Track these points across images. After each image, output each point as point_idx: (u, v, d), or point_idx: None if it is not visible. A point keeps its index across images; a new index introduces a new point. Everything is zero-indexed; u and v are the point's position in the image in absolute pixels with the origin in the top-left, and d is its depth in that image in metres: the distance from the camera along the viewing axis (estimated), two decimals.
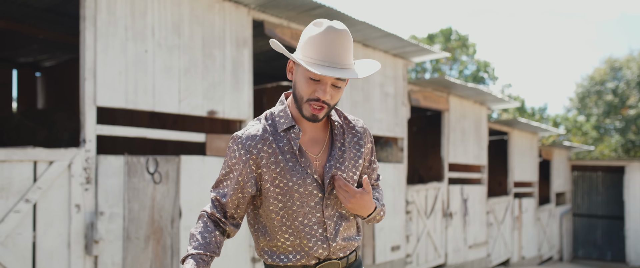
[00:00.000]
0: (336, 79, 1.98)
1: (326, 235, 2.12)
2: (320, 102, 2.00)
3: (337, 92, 2.02)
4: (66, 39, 6.79)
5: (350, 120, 2.23)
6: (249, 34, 5.81)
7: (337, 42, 1.95)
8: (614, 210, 16.01)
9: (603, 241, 16.28)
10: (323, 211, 2.10)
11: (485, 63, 26.48)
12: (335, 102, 2.05)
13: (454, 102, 9.67)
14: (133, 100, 4.77)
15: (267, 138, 2.07)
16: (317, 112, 2.01)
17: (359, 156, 2.18)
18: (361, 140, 2.22)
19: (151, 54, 4.91)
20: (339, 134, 2.17)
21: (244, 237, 5.70)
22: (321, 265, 2.13)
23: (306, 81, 2.00)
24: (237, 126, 5.79)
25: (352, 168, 2.15)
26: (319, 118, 2.03)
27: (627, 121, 23.84)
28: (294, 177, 2.06)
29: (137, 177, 4.78)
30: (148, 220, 4.86)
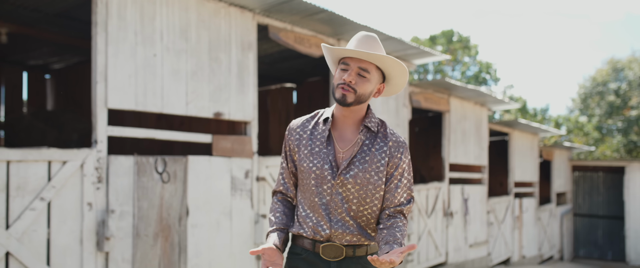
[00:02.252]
0: (359, 68, 2.32)
1: (330, 218, 2.38)
2: (346, 85, 2.31)
3: (363, 81, 2.33)
4: (75, 42, 6.98)
5: (389, 132, 2.47)
6: (254, 37, 5.98)
7: (362, 40, 2.37)
8: (615, 210, 16.15)
9: (604, 241, 16.41)
10: (332, 196, 2.37)
11: (488, 64, 26.63)
12: (362, 89, 2.33)
13: (454, 103, 9.84)
14: (142, 102, 4.95)
15: (306, 125, 2.49)
16: (344, 92, 2.32)
17: (382, 163, 2.39)
18: (389, 150, 2.41)
19: (160, 58, 5.09)
20: (369, 138, 2.43)
21: (249, 235, 5.88)
22: (324, 244, 2.39)
23: (339, 71, 2.38)
24: (242, 127, 5.97)
25: (371, 172, 2.37)
26: (347, 99, 2.32)
27: (629, 122, 23.96)
28: (315, 160, 2.40)
29: (146, 177, 4.96)
30: (157, 218, 5.04)
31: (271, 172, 6.17)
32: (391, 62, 2.34)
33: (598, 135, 25.26)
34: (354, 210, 2.38)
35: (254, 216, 5.94)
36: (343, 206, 2.37)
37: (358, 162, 2.37)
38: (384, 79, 2.45)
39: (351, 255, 2.39)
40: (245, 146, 5.86)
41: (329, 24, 6.52)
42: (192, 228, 5.33)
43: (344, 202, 2.37)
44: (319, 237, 2.39)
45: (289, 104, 9.89)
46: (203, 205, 5.43)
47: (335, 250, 2.39)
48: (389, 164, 2.40)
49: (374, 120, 2.45)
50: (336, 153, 2.40)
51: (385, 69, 2.39)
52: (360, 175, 2.35)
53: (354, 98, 2.32)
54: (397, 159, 2.41)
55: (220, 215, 5.61)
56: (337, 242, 2.38)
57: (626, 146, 24.41)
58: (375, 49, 2.35)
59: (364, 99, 2.36)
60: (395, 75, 2.42)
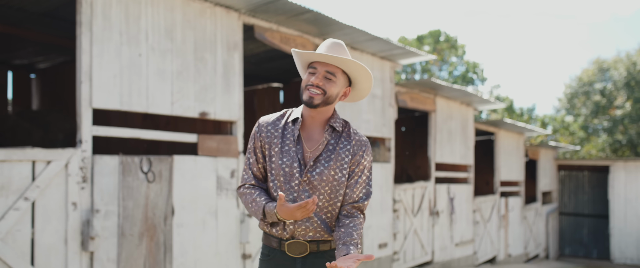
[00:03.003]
0: (326, 71, 2.47)
1: None
2: (313, 87, 2.45)
3: (329, 83, 2.47)
4: (61, 41, 6.97)
5: (352, 131, 2.60)
6: (240, 37, 6.00)
7: (330, 46, 2.52)
8: (600, 209, 16.31)
9: (589, 239, 16.57)
10: (299, 193, 2.48)
11: (475, 64, 26.77)
12: (329, 91, 2.47)
13: (440, 103, 9.90)
14: (127, 102, 4.96)
15: (277, 124, 2.57)
16: (312, 94, 2.45)
17: (346, 161, 2.51)
18: (353, 148, 2.54)
19: (145, 58, 5.10)
20: (334, 137, 2.56)
21: (235, 234, 5.90)
22: (289, 242, 2.51)
23: (307, 74, 2.52)
24: (228, 127, 5.99)
25: (336, 169, 2.50)
26: (314, 101, 2.45)
27: (615, 121, 24.18)
28: (285, 158, 2.50)
29: (131, 176, 4.97)
30: (142, 218, 5.05)
31: None
32: (356, 66, 2.48)
33: (584, 134, 25.47)
34: (319, 206, 2.50)
35: (240, 215, 5.96)
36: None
37: (324, 160, 2.50)
38: (351, 84, 2.60)
39: (315, 250, 2.51)
40: (231, 146, 5.88)
41: (315, 24, 6.55)
42: (178, 227, 5.34)
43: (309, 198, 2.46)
44: (285, 234, 2.50)
45: (276, 104, 9.91)
46: (188, 204, 5.45)
47: (299, 246, 2.50)
48: (351, 161, 2.52)
49: (339, 121, 2.58)
50: (304, 152, 2.52)
51: (351, 74, 2.54)
52: (326, 172, 2.47)
53: (321, 100, 2.46)
54: (359, 157, 2.53)
55: (206, 214, 5.62)
56: (300, 239, 2.50)
57: (611, 145, 24.64)
58: (342, 55, 2.49)
59: (330, 101, 2.50)
60: (361, 80, 2.56)
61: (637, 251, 14.54)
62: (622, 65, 24.35)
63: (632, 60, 24.13)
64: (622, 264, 14.58)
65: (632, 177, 14.60)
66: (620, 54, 25.85)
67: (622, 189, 14.74)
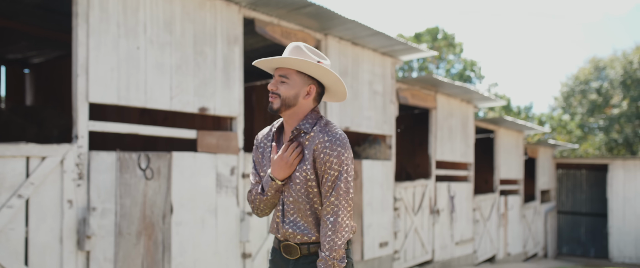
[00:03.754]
0: (279, 75, 2.48)
1: (284, 218, 2.54)
2: (270, 93, 2.50)
3: (284, 86, 2.47)
4: (56, 35, 6.80)
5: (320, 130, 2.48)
6: (240, 31, 5.85)
7: (287, 49, 2.52)
8: (598, 208, 16.24)
9: (587, 238, 16.50)
10: (285, 198, 2.54)
11: (472, 62, 26.68)
12: (284, 93, 2.47)
13: (441, 100, 9.78)
14: (125, 96, 4.80)
15: (268, 135, 2.66)
16: (271, 100, 2.50)
17: (310, 160, 2.46)
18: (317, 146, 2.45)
19: (143, 51, 4.94)
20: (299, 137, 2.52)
21: (235, 233, 5.75)
22: (283, 243, 2.57)
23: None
24: (228, 123, 5.84)
25: (304, 171, 2.46)
26: (273, 107, 2.49)
27: (611, 120, 24.15)
28: (265, 167, 2.62)
29: (129, 173, 4.82)
30: (140, 216, 4.90)
31: None
32: (299, 63, 2.42)
33: (581, 133, 25.44)
34: (302, 209, 2.50)
35: (240, 214, 5.81)
36: (295, 206, 2.51)
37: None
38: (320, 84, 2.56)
39: (306, 253, 2.51)
40: (231, 142, 5.73)
41: (316, 18, 6.41)
42: (177, 226, 5.19)
43: (294, 203, 2.51)
44: (280, 236, 2.58)
45: None
46: (188, 202, 5.30)
47: (291, 249, 2.55)
48: (318, 161, 2.45)
49: (310, 122, 2.51)
50: None
51: (305, 72, 2.48)
52: (296, 174, 2.48)
53: (279, 103, 2.47)
54: (327, 155, 2.43)
55: (205, 212, 5.47)
56: (291, 242, 2.53)
57: (607, 144, 24.62)
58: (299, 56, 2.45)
59: (290, 102, 2.47)
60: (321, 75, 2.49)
61: (636, 250, 14.47)
62: (619, 63, 24.32)
63: (628, 59, 24.10)
64: (621, 263, 14.51)
65: (630, 176, 14.53)
66: (617, 52, 25.84)
67: (620, 188, 14.66)
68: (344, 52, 7.30)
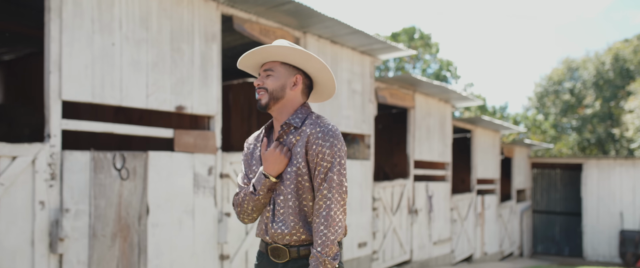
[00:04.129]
0: (264, 70, 2.43)
1: (274, 218, 2.41)
2: (257, 89, 2.42)
3: (269, 79, 2.41)
4: (28, 32, 6.59)
5: (312, 123, 2.39)
6: (218, 28, 5.74)
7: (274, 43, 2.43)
8: (572, 207, 16.42)
9: (561, 237, 16.68)
10: (275, 197, 2.41)
11: (448, 62, 26.83)
12: (270, 86, 2.40)
13: (419, 99, 9.76)
14: (100, 94, 4.66)
15: (259, 136, 2.57)
16: (259, 97, 2.42)
17: (301, 154, 2.35)
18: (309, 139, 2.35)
19: (118, 48, 4.80)
20: (289, 134, 2.41)
21: (212, 234, 5.64)
22: (271, 246, 2.43)
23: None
24: (205, 122, 5.72)
25: (294, 166, 2.36)
26: (262, 103, 2.41)
27: (584, 120, 24.49)
28: (257, 168, 2.49)
29: (103, 173, 4.68)
30: (115, 217, 4.76)
31: (235, 169, 5.94)
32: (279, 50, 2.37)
33: (555, 133, 25.74)
34: (292, 207, 2.37)
35: (218, 214, 5.70)
36: (285, 204, 2.38)
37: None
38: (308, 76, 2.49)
39: (296, 256, 2.39)
40: (209, 141, 5.62)
41: (295, 15, 6.32)
42: (153, 227, 5.06)
43: (285, 201, 2.38)
44: (267, 238, 2.43)
45: (252, 100, 9.64)
46: (164, 203, 5.17)
47: (280, 251, 2.41)
48: (310, 154, 2.34)
49: (299, 117, 2.42)
50: None
51: (290, 61, 2.42)
52: (289, 170, 2.36)
53: (267, 98, 2.40)
54: (319, 146, 2.33)
55: (183, 213, 5.35)
56: (279, 244, 2.40)
57: (580, 144, 24.95)
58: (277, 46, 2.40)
59: (278, 95, 2.40)
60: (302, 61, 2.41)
61: (609, 248, 14.66)
62: (591, 64, 24.67)
63: (600, 60, 24.46)
64: (595, 261, 14.69)
65: (604, 175, 14.71)
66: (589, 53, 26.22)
67: (595, 187, 14.84)
68: (322, 50, 7.22)
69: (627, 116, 20.68)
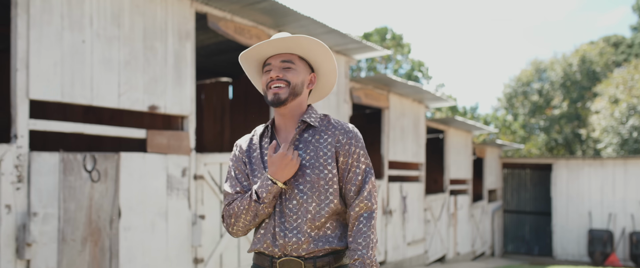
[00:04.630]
0: (282, 61, 2.17)
1: (284, 226, 2.14)
2: (275, 81, 2.15)
3: (290, 71, 2.17)
4: None
5: (333, 122, 2.23)
6: (192, 26, 5.60)
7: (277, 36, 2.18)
8: (541, 206, 16.61)
9: (531, 236, 16.85)
10: (286, 202, 2.15)
11: (420, 62, 26.96)
12: (293, 80, 2.17)
13: (393, 100, 9.73)
14: (69, 93, 4.49)
15: (252, 139, 2.30)
16: (277, 90, 2.14)
17: (329, 155, 2.15)
18: (336, 138, 2.18)
19: (89, 45, 4.64)
20: (311, 134, 2.20)
21: (186, 237, 5.50)
22: (281, 260, 2.14)
23: (263, 75, 2.22)
24: (179, 122, 5.58)
25: (319, 166, 2.14)
26: (281, 97, 2.14)
27: (552, 120, 24.85)
28: (260, 172, 2.21)
29: (73, 175, 4.50)
30: (85, 221, 4.59)
31: (209, 170, 5.80)
32: (310, 42, 2.16)
33: (524, 133, 26.06)
34: (311, 212, 2.13)
35: (192, 217, 5.56)
36: (299, 210, 2.13)
37: (303, 160, 2.16)
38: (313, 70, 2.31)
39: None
40: (182, 142, 5.47)
41: (271, 14, 6.21)
42: (125, 231, 4.90)
43: (299, 206, 2.14)
44: (276, 252, 2.14)
45: (225, 100, 9.50)
46: (137, 205, 5.01)
47: (292, 265, 2.13)
48: (339, 154, 2.17)
49: (314, 115, 2.25)
50: None
51: (309, 57, 2.24)
52: (309, 172, 2.14)
53: (288, 92, 2.16)
54: (352, 146, 2.18)
55: (155, 216, 5.20)
56: (294, 255, 2.12)
57: (547, 144, 25.31)
58: (288, 40, 2.17)
59: (298, 91, 2.19)
60: (321, 60, 2.24)
61: (578, 247, 14.86)
62: (559, 66, 25.04)
63: (568, 61, 24.84)
64: (564, 260, 14.87)
65: (573, 175, 14.91)
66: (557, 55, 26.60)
67: (564, 187, 15.02)
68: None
69: (593, 117, 21.05)
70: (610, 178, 14.46)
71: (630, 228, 13.97)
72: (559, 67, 24.94)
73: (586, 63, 24.28)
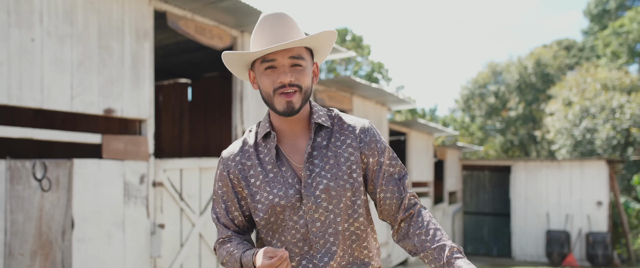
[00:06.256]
0: (291, 58, 1.77)
1: (312, 254, 1.80)
2: (287, 87, 1.76)
3: (301, 73, 1.79)
4: None
5: (346, 121, 1.91)
6: (150, 25, 5.31)
7: (275, 23, 1.80)
8: (500, 208, 16.76)
9: (489, 237, 17.00)
10: (309, 225, 1.80)
11: (380, 64, 26.98)
12: (304, 83, 1.80)
13: (357, 102, 9.59)
14: (17, 95, 4.15)
15: (247, 151, 1.89)
16: (290, 97, 1.76)
17: (353, 159, 1.84)
18: (358, 139, 1.87)
19: (39, 44, 4.31)
20: (324, 137, 1.87)
21: (144, 248, 5.20)
22: None
23: (265, 75, 1.80)
24: (137, 126, 5.28)
25: (344, 175, 1.82)
26: (295, 106, 1.78)
27: (507, 122, 25.22)
28: (275, 189, 1.81)
29: (21, 184, 4.17)
30: (35, 233, 4.26)
31: (169, 177, 5.52)
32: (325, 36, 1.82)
33: (482, 135, 26.38)
34: (340, 231, 1.82)
35: (150, 226, 5.26)
36: (327, 231, 1.81)
37: (322, 171, 1.82)
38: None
39: None
40: (141, 147, 5.17)
41: (233, 13, 5.96)
42: (78, 242, 4.58)
43: (326, 226, 1.81)
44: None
45: (184, 101, 9.18)
46: (91, 215, 4.69)
47: None
48: (366, 155, 1.86)
49: (322, 114, 1.90)
50: (296, 171, 1.84)
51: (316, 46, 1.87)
52: (332, 184, 1.80)
53: (301, 98, 1.79)
54: (373, 143, 1.88)
55: (112, 226, 4.89)
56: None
57: (503, 145, 25.68)
58: (293, 28, 1.82)
59: (309, 94, 1.83)
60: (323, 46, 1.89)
61: (536, 248, 15.02)
62: (515, 68, 25.43)
63: (523, 64, 25.25)
64: (523, 261, 15.02)
65: (532, 177, 15.07)
66: (513, 58, 27.03)
67: (522, 189, 15.17)
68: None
69: (547, 119, 21.43)
70: (567, 180, 14.67)
71: (587, 229, 14.19)
72: (515, 70, 25.34)
73: (541, 66, 24.73)
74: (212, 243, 6.03)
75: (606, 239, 13.71)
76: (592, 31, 29.42)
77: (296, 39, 1.74)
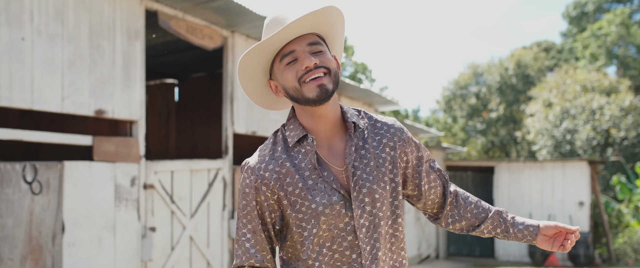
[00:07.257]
0: (309, 45, 1.68)
1: (361, 262, 1.71)
2: (313, 70, 1.65)
3: (324, 56, 1.69)
4: None
5: (377, 119, 1.84)
6: (142, 25, 5.22)
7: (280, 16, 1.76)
8: None
9: (472, 237, 17.07)
10: (356, 232, 1.70)
11: (363, 65, 27.01)
12: (331, 65, 1.69)
13: (344, 103, 9.56)
14: (6, 96, 4.04)
15: (279, 157, 1.72)
16: (320, 80, 1.65)
17: (390, 160, 1.79)
18: (393, 139, 1.81)
19: (29, 43, 4.20)
20: (359, 138, 1.77)
21: (136, 252, 5.10)
22: None
23: (287, 69, 1.69)
24: (128, 127, 5.18)
25: (385, 178, 1.76)
26: (328, 88, 1.65)
27: (488, 123, 25.40)
28: (317, 197, 1.68)
29: (11, 187, 4.06)
30: (25, 238, 4.15)
31: (160, 179, 5.43)
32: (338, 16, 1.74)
33: (464, 136, 26.54)
34: (383, 235, 1.74)
35: (141, 229, 5.17)
36: (372, 236, 1.73)
37: (364, 173, 1.72)
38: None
39: None
40: (132, 149, 5.08)
41: (224, 13, 5.89)
42: (69, 247, 4.47)
43: (371, 231, 1.73)
44: None
45: (170, 102, 9.06)
46: (82, 219, 4.59)
47: None
48: (405, 153, 1.83)
49: (354, 113, 1.82)
50: (337, 175, 1.72)
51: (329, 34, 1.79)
52: (374, 187, 1.72)
53: (332, 81, 1.67)
54: (408, 140, 1.85)
55: (103, 229, 4.79)
56: None
57: (484, 146, 25.87)
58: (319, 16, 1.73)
59: (338, 78, 1.72)
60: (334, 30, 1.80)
61: (519, 248, 15.13)
62: (495, 70, 25.63)
63: (504, 65, 25.46)
64: (506, 261, 15.11)
65: (515, 178, 15.18)
66: (494, 59, 27.25)
67: (505, 189, 15.27)
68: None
69: (528, 120, 21.62)
70: (550, 181, 14.80)
71: None
72: (496, 71, 25.53)
73: (521, 67, 24.95)
74: (203, 246, 5.95)
75: (588, 239, 13.85)
76: (570, 33, 29.77)
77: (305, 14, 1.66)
